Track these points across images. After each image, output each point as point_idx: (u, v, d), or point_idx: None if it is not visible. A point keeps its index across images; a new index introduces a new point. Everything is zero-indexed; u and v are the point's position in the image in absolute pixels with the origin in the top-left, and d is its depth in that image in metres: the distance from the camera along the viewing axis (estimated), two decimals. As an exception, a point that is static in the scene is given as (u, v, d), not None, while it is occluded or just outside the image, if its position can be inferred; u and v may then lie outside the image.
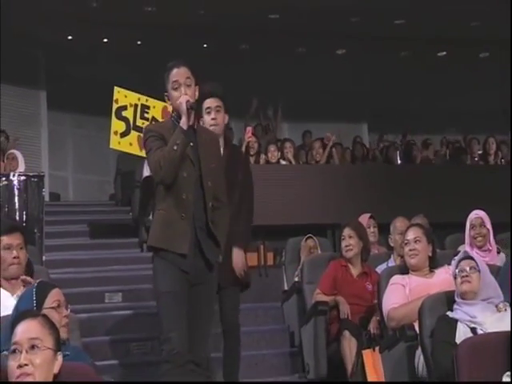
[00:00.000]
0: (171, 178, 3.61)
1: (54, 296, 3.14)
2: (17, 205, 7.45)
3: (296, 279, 6.03)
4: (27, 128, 10.79)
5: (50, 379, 2.35)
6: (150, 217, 7.82)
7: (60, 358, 2.40)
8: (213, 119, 4.52)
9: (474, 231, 5.10)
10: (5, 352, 2.94)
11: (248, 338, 5.55)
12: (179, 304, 3.57)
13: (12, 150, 8.66)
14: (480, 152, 10.56)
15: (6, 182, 7.50)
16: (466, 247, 4.93)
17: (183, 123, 3.63)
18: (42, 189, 7.85)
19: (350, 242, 5.15)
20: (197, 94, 3.87)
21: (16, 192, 7.49)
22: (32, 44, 10.35)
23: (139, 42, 10.44)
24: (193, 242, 3.63)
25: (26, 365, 2.28)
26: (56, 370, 2.37)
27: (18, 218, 7.28)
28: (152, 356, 5.36)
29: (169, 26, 10.08)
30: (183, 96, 3.69)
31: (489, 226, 5.14)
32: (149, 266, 7.34)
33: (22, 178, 7.62)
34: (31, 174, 7.95)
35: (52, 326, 2.44)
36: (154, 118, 6.96)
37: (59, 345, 2.43)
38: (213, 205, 3.77)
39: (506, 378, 2.80)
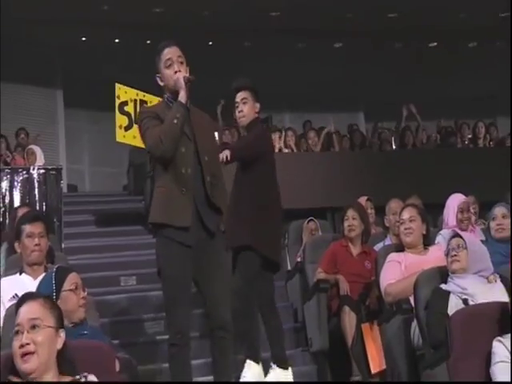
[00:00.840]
0: (172, 152, 3.42)
1: (72, 279, 3.20)
2: (37, 196, 7.54)
3: (298, 259, 6.03)
4: (45, 125, 10.81)
5: (54, 355, 2.35)
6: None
7: (63, 334, 2.40)
8: (240, 112, 4.42)
9: (462, 215, 5.04)
10: None
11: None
12: (183, 287, 3.41)
13: (31, 146, 8.69)
14: (470, 136, 10.56)
15: (26, 176, 7.56)
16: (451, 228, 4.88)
17: (182, 97, 3.47)
18: (60, 181, 8.00)
19: (352, 222, 5.10)
20: (188, 73, 3.62)
21: (36, 184, 7.59)
22: (48, 47, 10.34)
23: (148, 42, 10.38)
24: (194, 215, 3.44)
25: (27, 344, 2.29)
26: (59, 345, 2.37)
27: (38, 208, 7.36)
28: (165, 334, 5.38)
29: (176, 25, 10.07)
30: (179, 72, 3.52)
31: (472, 209, 5.14)
32: None
33: (42, 171, 7.74)
34: (50, 167, 8.07)
35: (53, 306, 2.45)
36: None
37: (61, 322, 2.43)
38: (211, 181, 3.54)
39: (496, 343, 2.80)
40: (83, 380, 2.34)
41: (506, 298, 3.07)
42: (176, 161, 3.44)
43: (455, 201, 5.10)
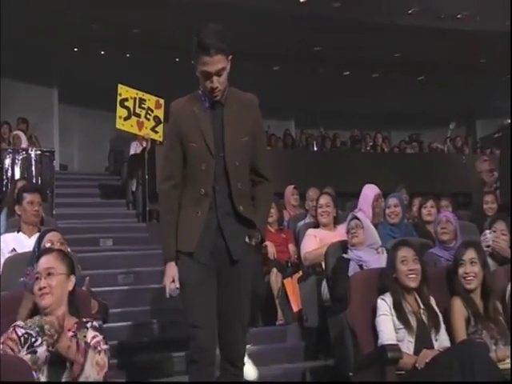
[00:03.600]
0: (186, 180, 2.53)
1: (48, 237, 3.27)
2: (34, 172, 7.44)
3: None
4: (43, 117, 10.53)
5: (66, 295, 2.40)
6: (134, 186, 7.91)
7: (73, 278, 2.45)
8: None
9: (377, 203, 4.91)
10: (22, 279, 2.99)
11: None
12: (202, 295, 2.42)
13: (16, 132, 8.42)
14: (371, 143, 10.85)
15: (25, 155, 7.43)
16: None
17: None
18: (53, 161, 7.89)
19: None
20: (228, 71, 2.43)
21: (33, 163, 7.47)
22: (47, 53, 10.04)
23: (128, 55, 10.19)
24: (213, 234, 2.43)
25: (44, 287, 2.34)
26: (70, 287, 2.43)
27: (34, 181, 7.26)
28: (136, 285, 5.39)
29: (151, 43, 9.90)
30: (169, 284, 2.41)
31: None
32: (133, 219, 7.50)
33: (38, 152, 7.61)
34: (45, 149, 7.92)
35: (64, 257, 2.48)
36: (149, 108, 6.99)
37: (72, 269, 2.47)
38: (253, 180, 2.53)
39: (379, 300, 2.85)
40: (89, 324, 2.37)
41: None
42: (195, 180, 2.45)
43: (372, 191, 4.99)
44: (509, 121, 9.38)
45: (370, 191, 5.01)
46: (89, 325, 2.36)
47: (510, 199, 5.25)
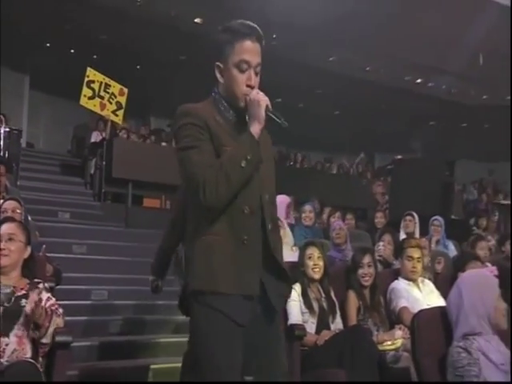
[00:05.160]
0: (225, 204, 1.52)
1: (4, 205, 3.23)
2: (1, 147, 7.11)
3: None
4: (15, 100, 9.98)
5: (21, 261, 2.34)
6: (92, 169, 7.69)
7: (29, 249, 2.40)
8: None
9: (289, 209, 4.77)
10: None
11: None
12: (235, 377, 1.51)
13: None
14: (292, 162, 11.06)
15: (-5, 133, 7.13)
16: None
17: (255, 130, 1.54)
18: (21, 138, 7.64)
19: None
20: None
21: (2, 139, 7.13)
22: (23, 44, 9.46)
23: (95, 57, 9.78)
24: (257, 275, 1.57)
25: (3, 249, 2.28)
26: (26, 255, 2.37)
27: (2, 154, 7.02)
28: (88, 255, 5.26)
29: (117, 49, 9.62)
30: (262, 96, 1.55)
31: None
32: (89, 198, 7.30)
33: (7, 130, 7.28)
34: (14, 128, 7.58)
35: (25, 228, 2.43)
36: (113, 93, 6.83)
37: (29, 240, 2.41)
38: (272, 229, 1.64)
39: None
40: (41, 286, 2.32)
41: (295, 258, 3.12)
42: (235, 197, 1.53)
43: (285, 200, 4.91)
44: (399, 156, 9.91)
45: (283, 199, 5.13)
46: (40, 286, 2.30)
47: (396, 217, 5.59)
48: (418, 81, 10.08)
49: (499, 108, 10.27)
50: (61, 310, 2.28)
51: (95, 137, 8.17)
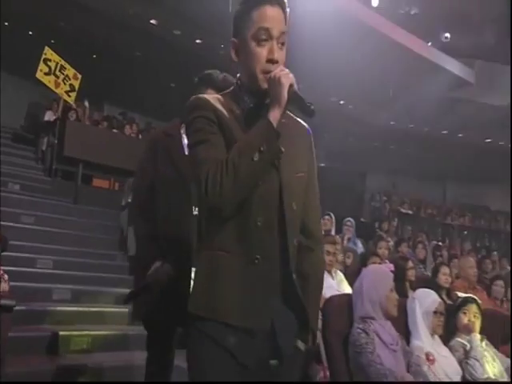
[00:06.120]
0: (237, 203, 1.07)
1: None
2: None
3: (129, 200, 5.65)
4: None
5: None
6: (44, 146, 7.28)
7: None
8: None
9: None
10: None
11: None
12: None
13: None
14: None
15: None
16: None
17: (274, 116, 1.08)
18: None
19: None
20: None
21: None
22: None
23: (53, 41, 9.24)
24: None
25: None
26: None
27: None
28: (35, 225, 5.02)
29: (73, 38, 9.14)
30: (286, 74, 1.09)
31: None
32: (40, 173, 6.92)
33: None
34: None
35: None
36: (67, 76, 6.54)
37: None
38: (299, 243, 1.17)
39: None
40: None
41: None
42: (246, 205, 1.09)
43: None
44: (322, 164, 10.34)
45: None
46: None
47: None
48: (341, 102, 10.50)
49: (403, 131, 10.95)
50: (6, 276, 2.22)
51: (49, 116, 7.86)
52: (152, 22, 8.53)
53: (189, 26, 8.32)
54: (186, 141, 1.48)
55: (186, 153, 1.64)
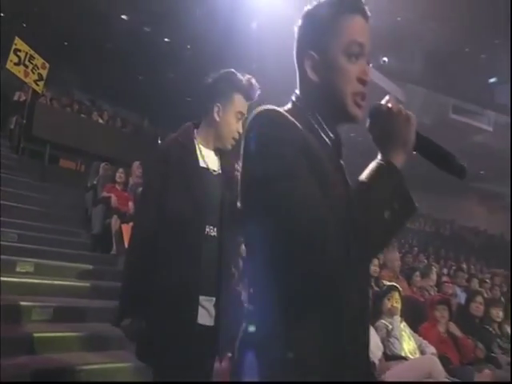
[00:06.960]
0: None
1: None
2: None
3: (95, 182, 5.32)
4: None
5: None
6: (12, 125, 6.83)
7: None
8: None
9: None
10: None
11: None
12: None
13: None
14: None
15: None
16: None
17: (399, 161, 0.74)
18: None
19: None
20: None
21: None
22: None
23: (24, 25, 8.67)
24: None
25: None
26: None
27: None
28: (2, 200, 4.66)
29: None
30: (411, 113, 0.72)
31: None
32: (8, 150, 6.43)
33: None
34: None
35: None
36: (36, 65, 6.20)
37: None
38: None
39: None
40: None
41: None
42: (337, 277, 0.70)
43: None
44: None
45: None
46: None
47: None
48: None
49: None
50: None
51: (18, 96, 7.45)
52: (123, 17, 8.27)
53: (159, 25, 8.15)
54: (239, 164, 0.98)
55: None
